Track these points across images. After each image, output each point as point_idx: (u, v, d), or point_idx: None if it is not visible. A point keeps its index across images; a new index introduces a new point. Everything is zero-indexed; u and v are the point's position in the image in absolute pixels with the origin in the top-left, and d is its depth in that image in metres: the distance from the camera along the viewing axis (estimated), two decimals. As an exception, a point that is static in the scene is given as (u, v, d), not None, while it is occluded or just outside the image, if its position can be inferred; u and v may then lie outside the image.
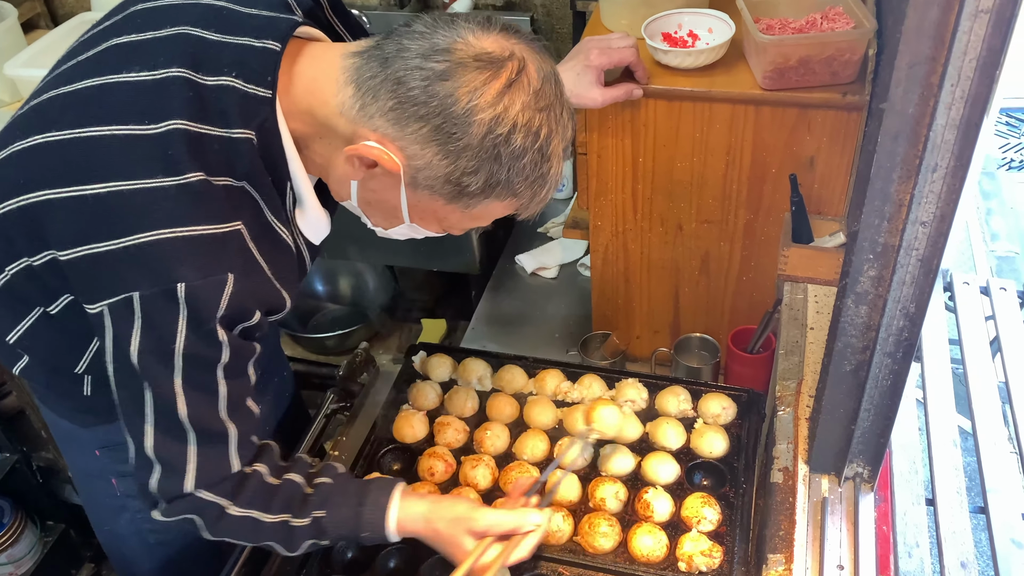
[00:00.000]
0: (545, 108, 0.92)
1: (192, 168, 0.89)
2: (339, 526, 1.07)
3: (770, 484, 1.20)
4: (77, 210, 0.89)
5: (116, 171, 0.89)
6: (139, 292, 0.89)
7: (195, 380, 0.94)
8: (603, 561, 1.17)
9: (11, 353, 1.12)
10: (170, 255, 0.88)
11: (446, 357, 1.48)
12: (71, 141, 0.91)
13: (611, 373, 1.44)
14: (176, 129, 0.90)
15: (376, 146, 0.91)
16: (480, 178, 0.91)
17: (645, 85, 1.38)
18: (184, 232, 0.88)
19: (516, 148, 0.90)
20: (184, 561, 1.37)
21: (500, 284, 2.08)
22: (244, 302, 0.94)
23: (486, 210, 0.97)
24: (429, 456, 1.31)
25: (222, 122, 0.92)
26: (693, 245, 1.58)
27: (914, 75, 0.82)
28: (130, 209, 0.88)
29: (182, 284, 0.88)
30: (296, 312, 2.57)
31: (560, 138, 0.95)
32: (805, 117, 1.36)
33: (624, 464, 1.28)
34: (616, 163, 1.50)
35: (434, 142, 0.89)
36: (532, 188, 0.95)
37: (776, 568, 1.10)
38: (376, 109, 0.89)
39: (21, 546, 2.21)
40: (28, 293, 1.01)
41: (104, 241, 0.88)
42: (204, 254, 0.89)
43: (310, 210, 1.04)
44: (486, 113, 0.88)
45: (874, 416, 1.11)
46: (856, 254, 0.97)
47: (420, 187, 0.94)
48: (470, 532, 1.08)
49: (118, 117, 0.91)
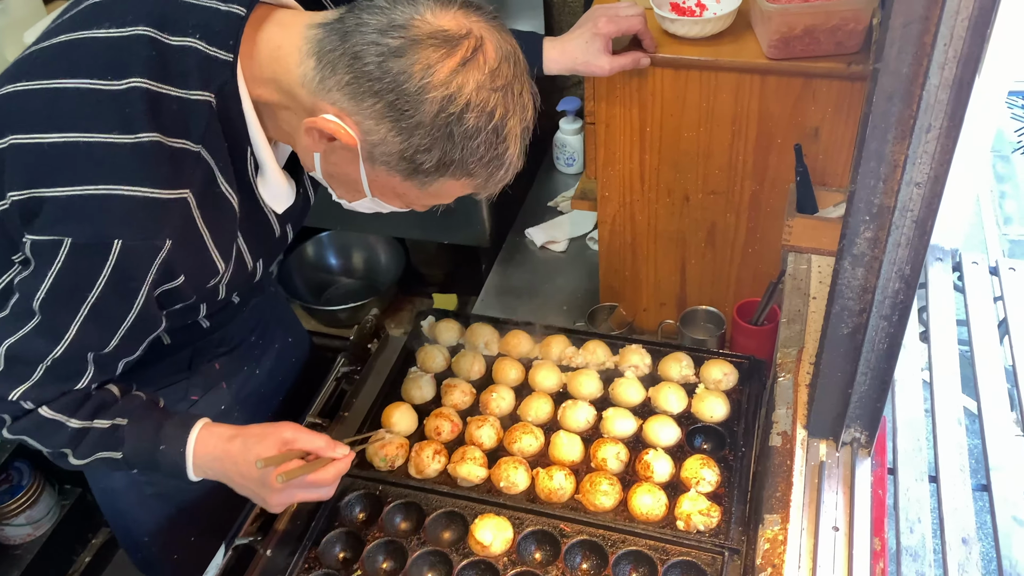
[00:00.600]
0: (501, 88, 0.91)
1: (148, 128, 0.91)
2: (138, 436, 1.07)
3: (768, 448, 1.22)
4: (34, 156, 0.91)
5: (75, 123, 0.91)
6: (72, 239, 0.90)
7: (90, 330, 0.96)
8: (603, 519, 1.19)
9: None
10: (113, 211, 0.90)
11: (454, 322, 1.51)
12: (38, 91, 0.94)
13: (616, 339, 1.46)
14: (137, 87, 0.92)
15: (334, 120, 0.91)
16: (434, 156, 0.91)
17: (652, 54, 1.40)
18: (131, 191, 0.90)
19: (469, 128, 0.90)
20: (178, 514, 1.40)
21: (510, 257, 2.10)
22: (172, 267, 0.96)
23: (443, 188, 0.97)
24: (436, 416, 1.34)
25: (182, 83, 0.94)
26: (700, 216, 1.59)
27: (908, 34, 0.83)
28: (82, 160, 0.90)
29: (119, 241, 0.90)
30: (309, 285, 2.61)
31: (517, 119, 0.94)
32: (810, 87, 1.37)
33: (626, 427, 1.30)
34: (624, 133, 1.52)
35: (388, 119, 0.90)
36: (488, 168, 0.95)
37: (772, 528, 1.12)
38: (334, 83, 0.90)
39: (39, 508, 2.27)
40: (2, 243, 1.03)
41: (52, 187, 0.90)
42: (147, 217, 0.91)
43: (271, 177, 1.05)
44: (439, 91, 0.88)
45: (871, 380, 1.13)
46: (852, 215, 0.98)
47: (377, 162, 0.95)
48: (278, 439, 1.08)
49: (84, 71, 0.93)
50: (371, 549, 1.20)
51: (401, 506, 1.25)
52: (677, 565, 1.14)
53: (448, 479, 1.28)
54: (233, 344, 1.34)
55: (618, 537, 1.17)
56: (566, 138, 2.21)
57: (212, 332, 1.28)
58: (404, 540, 1.20)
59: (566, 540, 1.17)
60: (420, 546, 1.19)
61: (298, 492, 1.10)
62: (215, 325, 1.26)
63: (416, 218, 2.12)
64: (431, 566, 1.19)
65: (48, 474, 2.33)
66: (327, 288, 2.67)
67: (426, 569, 1.19)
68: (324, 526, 1.23)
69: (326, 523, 1.24)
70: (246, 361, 1.39)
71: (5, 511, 2.19)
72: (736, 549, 1.14)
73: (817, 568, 1.07)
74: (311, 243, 2.64)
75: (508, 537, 1.18)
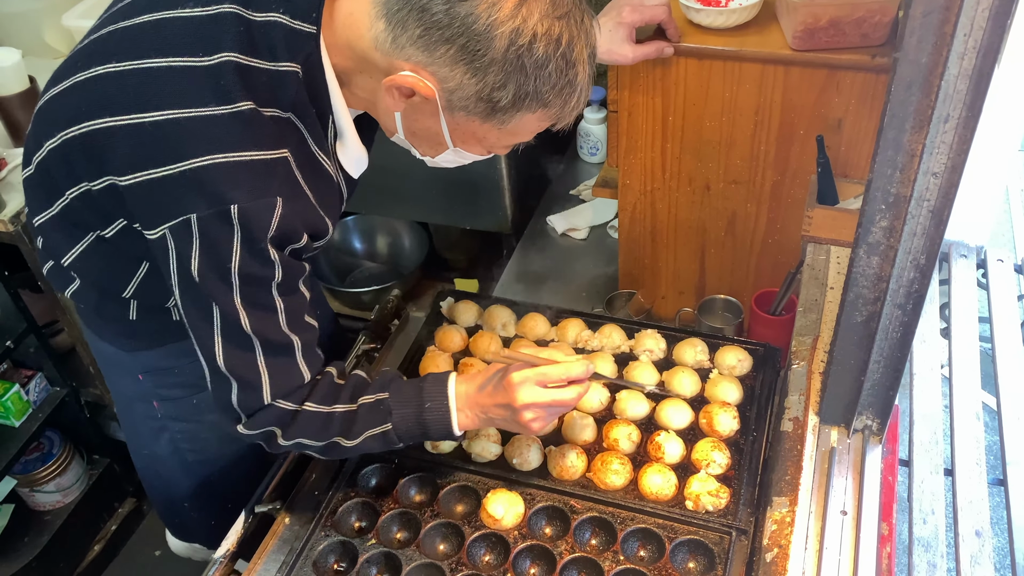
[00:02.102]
0: (564, 16, 0.94)
1: (242, 97, 0.95)
2: (402, 404, 1.12)
3: (780, 433, 1.24)
4: (136, 136, 0.96)
5: (172, 100, 0.95)
6: (196, 214, 0.95)
7: (252, 298, 1.01)
8: (613, 496, 1.22)
9: (64, 276, 1.19)
10: (223, 178, 0.94)
11: (472, 303, 1.53)
12: (130, 71, 0.97)
13: (631, 324, 1.48)
14: (228, 61, 0.96)
15: (411, 75, 0.95)
16: (509, 91, 0.95)
17: (676, 43, 1.41)
18: (236, 157, 0.95)
19: (539, 57, 0.93)
20: (218, 480, 1.45)
21: (531, 243, 2.12)
22: (292, 224, 1.01)
23: (521, 124, 1.00)
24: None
25: (270, 55, 0.98)
26: (720, 206, 1.60)
27: (928, 24, 0.84)
28: (185, 135, 0.94)
29: (235, 206, 0.95)
30: (334, 268, 2.65)
31: (583, 44, 0.97)
32: (834, 78, 1.37)
33: (639, 409, 1.32)
34: (646, 121, 1.53)
35: (461, 62, 0.93)
36: (562, 96, 0.98)
37: (780, 509, 1.14)
38: (406, 39, 0.94)
39: (68, 476, 2.33)
40: (85, 217, 1.08)
41: (161, 166, 0.95)
42: (254, 178, 0.96)
43: (350, 143, 1.10)
44: (506, 26, 0.91)
45: (883, 368, 1.14)
46: (869, 204, 0.99)
47: (456, 109, 0.98)
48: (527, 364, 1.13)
49: (173, 49, 0.97)
50: (386, 519, 1.23)
51: (416, 479, 1.28)
52: (685, 543, 1.16)
53: (462, 455, 1.31)
54: None
55: (627, 515, 1.19)
56: (590, 127, 2.22)
57: None
58: (418, 512, 1.24)
59: (576, 516, 1.20)
60: (433, 518, 1.22)
61: (539, 392, 1.11)
62: None
63: (440, 203, 2.16)
64: (444, 537, 1.22)
65: (77, 444, 2.39)
66: (352, 271, 2.71)
67: (439, 540, 1.22)
68: (341, 496, 1.27)
69: (343, 493, 1.27)
70: None
71: (36, 478, 2.26)
72: (744, 530, 1.15)
73: (824, 550, 1.09)
74: (337, 226, 2.67)
75: (519, 512, 1.21)
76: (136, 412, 1.41)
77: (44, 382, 2.19)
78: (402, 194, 2.15)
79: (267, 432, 1.09)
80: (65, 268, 1.17)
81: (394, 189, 2.13)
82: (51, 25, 2.26)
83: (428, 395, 1.13)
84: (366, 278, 2.68)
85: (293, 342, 1.07)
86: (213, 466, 1.43)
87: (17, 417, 2.10)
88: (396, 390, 1.13)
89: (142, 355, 1.30)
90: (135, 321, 1.22)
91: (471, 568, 1.16)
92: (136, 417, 1.42)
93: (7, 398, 2.05)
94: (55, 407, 2.18)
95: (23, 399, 2.11)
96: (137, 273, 1.15)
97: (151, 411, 1.37)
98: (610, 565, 1.14)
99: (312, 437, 1.11)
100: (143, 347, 1.29)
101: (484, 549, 1.20)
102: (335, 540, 1.21)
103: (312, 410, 1.09)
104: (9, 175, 1.90)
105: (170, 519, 1.61)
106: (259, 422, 1.08)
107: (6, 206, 1.82)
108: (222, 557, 1.26)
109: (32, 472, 2.25)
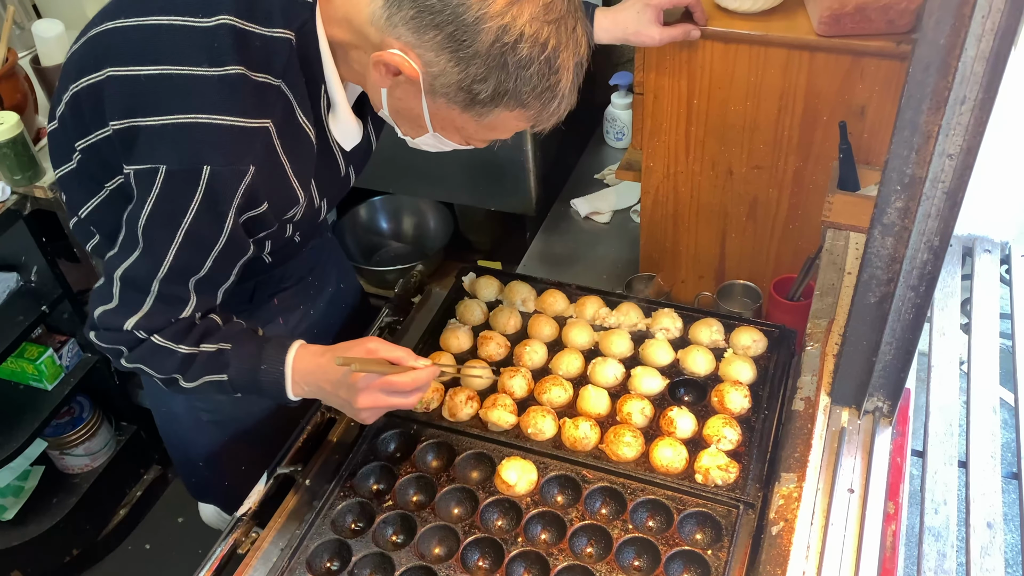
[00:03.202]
0: (554, 21, 0.95)
1: (234, 61, 0.99)
2: (240, 359, 1.14)
3: (791, 411, 1.26)
4: (131, 86, 1.00)
5: (168, 56, 0.99)
6: (167, 166, 0.99)
7: (186, 255, 1.05)
8: (624, 468, 1.24)
9: (85, 230, 1.25)
10: (202, 138, 0.98)
11: (493, 279, 1.56)
12: (134, 27, 1.02)
13: (649, 303, 1.50)
14: (224, 24, 1.00)
15: (398, 54, 0.97)
16: (489, 85, 0.96)
17: (703, 27, 1.43)
18: (218, 120, 0.98)
19: (523, 57, 0.94)
20: (232, 442, 1.49)
21: (554, 226, 2.15)
22: (256, 193, 1.04)
23: (499, 120, 1.02)
24: (471, 366, 1.40)
25: (266, 21, 1.01)
26: (742, 190, 1.62)
27: (946, 5, 0.85)
28: (174, 91, 0.98)
29: (208, 167, 0.98)
30: (360, 246, 2.69)
31: (570, 52, 0.98)
32: (858, 65, 1.38)
33: (652, 385, 1.35)
34: (671, 104, 1.55)
35: (447, 49, 0.95)
36: (541, 99, 0.99)
37: (788, 485, 1.16)
38: (400, 19, 0.96)
39: (97, 441, 2.40)
40: (94, 170, 1.13)
41: (148, 116, 0.99)
42: (233, 143, 0.99)
43: (342, 114, 1.13)
44: (494, 22, 0.92)
45: (895, 350, 1.15)
46: (884, 185, 1.00)
47: (438, 95, 1.00)
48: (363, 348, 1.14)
49: (176, 9, 1.01)
50: (403, 483, 1.27)
51: (433, 445, 1.31)
52: (693, 515, 1.18)
53: (479, 423, 1.34)
54: (292, 281, 1.42)
55: (637, 486, 1.22)
56: (617, 112, 2.24)
57: (273, 268, 1.35)
58: (434, 476, 1.27)
59: (587, 486, 1.23)
60: (449, 483, 1.26)
61: (381, 396, 1.13)
62: (277, 261, 1.34)
63: (466, 184, 2.19)
64: (458, 502, 1.25)
65: (107, 410, 2.46)
66: (377, 250, 2.75)
67: (453, 504, 1.25)
68: (360, 459, 1.30)
69: (363, 456, 1.31)
70: (302, 299, 1.47)
71: (66, 441, 2.33)
72: (751, 504, 1.17)
73: (829, 525, 1.11)
74: (364, 206, 2.72)
75: (532, 479, 1.24)
76: None
77: (76, 348, 2.25)
78: (429, 175, 2.19)
79: (114, 349, 1.12)
80: (84, 221, 1.22)
81: (421, 169, 2.16)
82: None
83: (266, 358, 1.15)
84: (391, 258, 2.73)
85: (190, 300, 1.10)
86: (227, 428, 1.48)
87: (50, 381, 2.16)
88: (238, 343, 1.15)
89: None
90: None
91: (484, 531, 1.19)
92: None
93: (41, 361, 2.12)
94: (86, 372, 2.24)
95: (56, 363, 2.17)
96: None
97: None
98: (619, 533, 1.17)
99: (153, 368, 1.13)
100: None
101: (497, 514, 1.23)
102: (353, 501, 1.25)
103: (158, 343, 1.11)
104: (49, 144, 1.96)
105: (187, 478, 1.67)
106: (109, 338, 1.11)
107: (46, 173, 1.87)
108: (243, 516, 1.31)
109: (62, 435, 2.32)
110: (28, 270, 2.08)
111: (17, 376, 2.17)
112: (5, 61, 1.84)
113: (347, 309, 1.64)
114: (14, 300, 2.06)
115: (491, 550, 1.18)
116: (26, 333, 2.03)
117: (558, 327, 1.47)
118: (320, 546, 1.20)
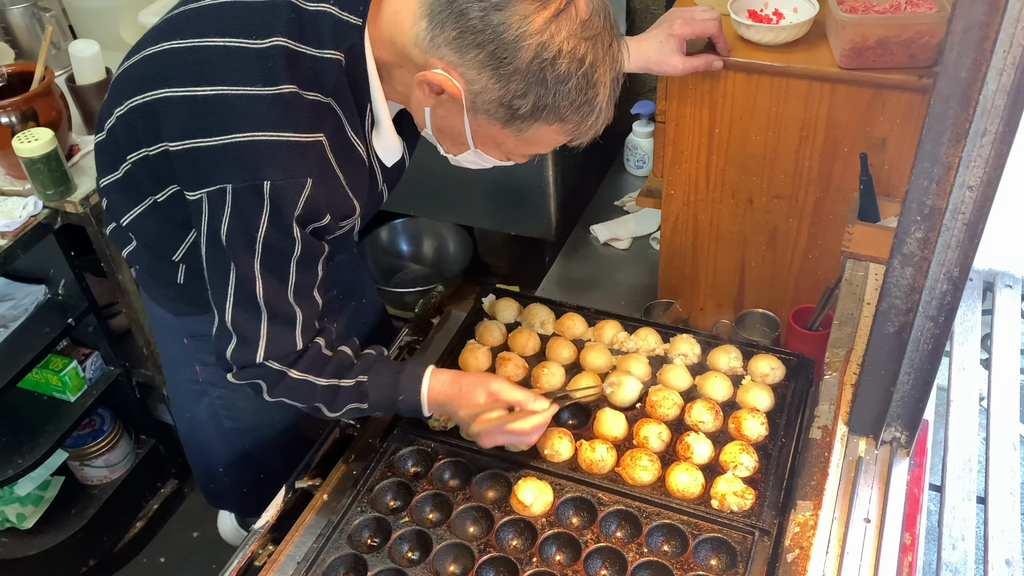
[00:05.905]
0: (591, 38, 0.99)
1: (287, 80, 1.03)
2: (379, 390, 1.22)
3: (808, 440, 1.26)
4: (188, 107, 1.04)
5: (223, 77, 1.03)
6: (232, 184, 1.03)
7: (271, 266, 1.09)
8: (640, 491, 1.25)
9: (123, 236, 1.29)
10: (260, 155, 1.02)
11: (513, 301, 1.58)
12: (190, 48, 1.06)
13: (667, 329, 1.51)
14: (278, 45, 1.04)
15: (442, 73, 1.01)
16: (529, 101, 1.00)
17: (725, 57, 1.45)
18: (274, 136, 1.02)
19: (561, 72, 0.98)
20: (252, 449, 1.51)
21: (573, 251, 2.16)
22: (318, 205, 1.08)
23: (538, 134, 1.05)
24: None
25: (317, 43, 1.05)
26: (762, 219, 1.63)
27: (968, 39, 0.87)
28: (231, 111, 1.02)
29: (268, 182, 1.02)
30: (380, 268, 2.72)
31: (607, 67, 1.02)
32: (880, 97, 1.40)
33: (670, 410, 1.35)
34: (692, 133, 1.57)
35: (488, 67, 0.98)
36: (579, 113, 1.03)
37: (804, 513, 1.16)
38: (443, 39, 0.99)
39: (116, 453, 2.42)
40: (142, 182, 1.17)
41: (207, 137, 1.03)
42: (289, 158, 1.03)
43: (385, 132, 1.16)
44: (534, 39, 0.96)
45: (914, 380, 1.16)
46: (904, 215, 1.02)
47: (479, 111, 1.03)
48: (486, 391, 1.23)
49: (231, 31, 1.05)
50: (420, 500, 1.28)
51: (450, 463, 1.33)
52: (708, 541, 1.18)
53: (496, 443, 1.35)
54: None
55: (653, 510, 1.22)
56: (638, 140, 2.26)
57: None
58: (451, 494, 1.28)
59: (603, 508, 1.23)
60: (465, 501, 1.27)
61: (500, 437, 1.26)
62: None
63: (486, 207, 2.22)
64: (474, 520, 1.26)
65: (127, 423, 2.48)
66: (397, 272, 2.78)
67: (469, 523, 1.26)
68: (378, 475, 1.32)
69: (380, 473, 1.32)
70: (326, 312, 1.49)
71: (86, 452, 2.35)
72: (767, 531, 1.17)
73: (845, 554, 1.10)
74: (385, 228, 2.75)
75: (548, 500, 1.24)
76: (180, 375, 1.49)
77: (100, 361, 2.28)
78: (449, 198, 2.22)
79: (254, 384, 1.18)
80: (124, 228, 1.26)
81: (442, 192, 2.19)
82: (128, 21, 2.38)
83: (402, 389, 1.24)
84: (410, 280, 2.75)
85: (296, 313, 1.15)
86: (248, 435, 1.50)
87: (73, 392, 2.19)
88: (375, 374, 1.23)
89: (188, 319, 1.38)
90: (183, 285, 1.30)
91: (499, 550, 1.20)
92: (180, 380, 1.50)
93: (65, 373, 2.15)
94: (108, 385, 2.27)
95: (80, 375, 2.20)
96: (186, 238, 1.23)
97: (193, 375, 1.45)
98: (634, 557, 1.17)
99: (295, 399, 1.20)
100: (189, 311, 1.36)
101: (512, 534, 1.23)
102: (370, 516, 1.26)
103: (297, 377, 1.17)
104: (81, 160, 2.01)
105: (205, 484, 1.68)
106: (247, 375, 1.17)
107: (77, 189, 1.91)
108: (261, 528, 1.32)
109: (83, 447, 2.34)
110: (56, 283, 2.12)
111: (41, 387, 2.20)
112: (43, 79, 1.89)
113: (368, 326, 1.66)
114: (41, 312, 2.10)
115: (506, 569, 1.19)
116: (52, 345, 2.06)
117: (576, 350, 1.48)
118: (336, 560, 1.21)
